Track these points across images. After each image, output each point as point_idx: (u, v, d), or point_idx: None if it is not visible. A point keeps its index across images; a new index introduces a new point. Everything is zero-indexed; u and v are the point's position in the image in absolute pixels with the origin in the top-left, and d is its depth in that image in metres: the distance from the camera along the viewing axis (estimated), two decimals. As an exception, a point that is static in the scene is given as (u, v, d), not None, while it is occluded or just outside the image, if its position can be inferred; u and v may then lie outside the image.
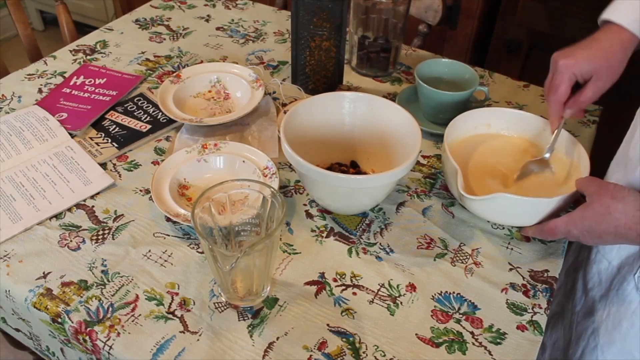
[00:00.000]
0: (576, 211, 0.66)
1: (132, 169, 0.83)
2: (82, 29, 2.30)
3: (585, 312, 0.77)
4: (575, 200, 0.70)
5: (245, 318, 0.65)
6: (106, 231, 0.74)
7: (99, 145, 0.86)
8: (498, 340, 0.64)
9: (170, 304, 0.66)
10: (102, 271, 0.69)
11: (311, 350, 0.62)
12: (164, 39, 1.12)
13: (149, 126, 0.90)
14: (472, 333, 0.65)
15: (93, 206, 0.77)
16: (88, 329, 0.63)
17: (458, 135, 0.83)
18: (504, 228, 0.78)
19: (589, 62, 0.71)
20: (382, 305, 0.67)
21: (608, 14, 0.71)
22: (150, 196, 0.78)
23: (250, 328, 0.64)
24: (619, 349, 0.71)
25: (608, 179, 0.75)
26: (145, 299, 0.66)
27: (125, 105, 0.94)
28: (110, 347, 0.62)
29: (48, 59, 1.05)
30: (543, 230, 0.71)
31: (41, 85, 0.98)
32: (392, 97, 1.00)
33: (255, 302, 0.66)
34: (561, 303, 0.86)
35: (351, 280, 0.70)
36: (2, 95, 0.96)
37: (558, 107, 0.74)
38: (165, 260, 0.71)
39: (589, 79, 0.72)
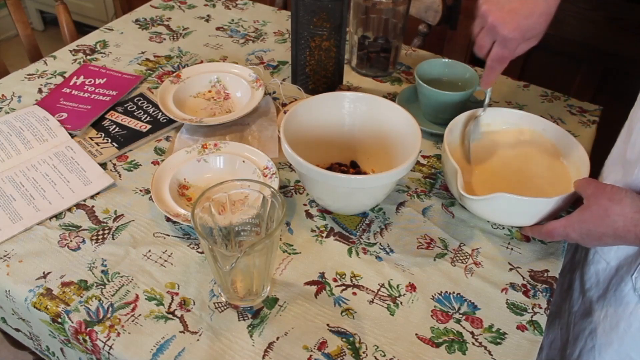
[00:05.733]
0: (574, 214, 0.66)
1: (132, 169, 0.83)
2: (82, 29, 2.31)
3: (583, 313, 0.77)
4: (575, 200, 0.70)
5: (245, 318, 0.65)
6: (106, 231, 0.74)
7: (99, 145, 0.86)
8: (498, 340, 0.64)
9: (170, 304, 0.66)
10: (102, 271, 0.69)
11: (311, 350, 0.62)
12: (164, 39, 1.12)
13: (149, 126, 0.90)
14: (472, 333, 0.65)
15: (93, 206, 0.77)
16: (88, 329, 0.63)
17: (458, 135, 0.83)
18: (504, 228, 0.78)
19: (533, 30, 0.71)
20: (382, 305, 0.67)
21: None
22: (150, 196, 0.78)
23: (250, 328, 0.64)
24: (616, 350, 0.71)
25: (604, 180, 0.74)
26: (145, 299, 0.66)
27: (125, 105, 0.94)
28: (110, 347, 0.62)
29: (48, 59, 1.05)
30: (541, 232, 0.71)
31: (41, 85, 0.98)
32: (392, 97, 1.00)
33: (255, 302, 0.66)
34: (557, 303, 0.86)
35: (351, 280, 0.70)
36: (2, 95, 0.96)
37: (500, 71, 0.76)
38: (165, 260, 0.71)
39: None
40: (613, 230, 0.61)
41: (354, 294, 0.68)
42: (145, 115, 0.92)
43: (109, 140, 0.87)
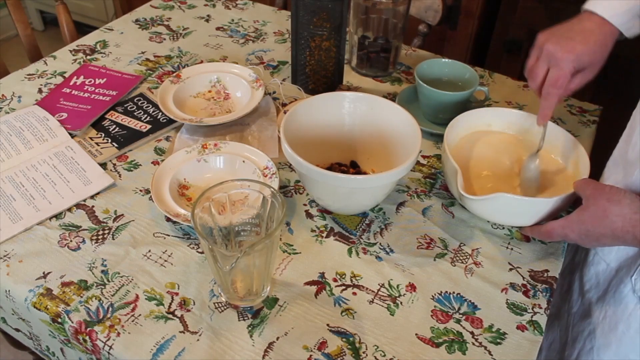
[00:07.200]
0: (573, 214, 0.66)
1: (132, 169, 0.83)
2: (82, 29, 2.30)
3: (582, 314, 0.77)
4: (575, 201, 0.70)
5: (245, 318, 0.65)
6: (106, 231, 0.74)
7: (99, 145, 0.86)
8: (498, 340, 0.64)
9: (170, 304, 0.66)
10: (102, 271, 0.69)
11: (311, 350, 0.62)
12: (164, 39, 1.12)
13: (149, 126, 0.90)
14: (472, 333, 0.65)
15: (93, 206, 0.77)
16: (88, 329, 0.63)
17: (458, 135, 0.83)
18: (504, 228, 0.78)
19: (589, 57, 0.71)
20: (382, 305, 0.67)
21: (594, 6, 0.72)
22: (150, 196, 0.78)
23: (250, 328, 0.64)
24: (614, 352, 0.71)
25: (604, 181, 0.74)
26: (145, 299, 0.66)
27: (125, 105, 0.94)
28: (110, 347, 0.62)
29: (48, 59, 1.05)
30: (541, 232, 0.71)
31: (41, 85, 0.98)
32: (392, 97, 1.00)
33: (255, 302, 0.66)
34: (557, 304, 0.86)
35: (351, 280, 0.70)
36: (2, 95, 0.96)
37: (557, 101, 0.73)
38: (165, 260, 0.71)
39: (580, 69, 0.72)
40: (612, 231, 0.61)
41: (354, 294, 0.68)
42: (145, 115, 0.92)
43: (109, 140, 0.87)
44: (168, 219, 0.75)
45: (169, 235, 0.74)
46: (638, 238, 0.59)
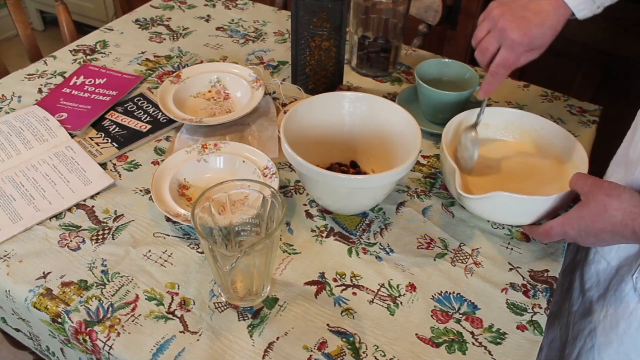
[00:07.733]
0: (572, 211, 0.66)
1: (132, 169, 0.83)
2: (82, 29, 2.31)
3: (583, 313, 0.77)
4: (574, 199, 0.70)
5: (245, 318, 0.65)
6: (106, 231, 0.74)
7: (99, 145, 0.86)
8: (498, 340, 0.64)
9: (170, 304, 0.66)
10: (102, 271, 0.69)
11: (311, 350, 0.62)
12: (164, 39, 1.12)
13: (149, 126, 0.90)
14: (472, 333, 0.65)
15: (93, 206, 0.77)
16: (88, 329, 0.63)
17: (456, 135, 0.83)
18: (504, 228, 0.78)
19: (540, 40, 0.70)
20: (382, 305, 0.67)
21: None
22: (150, 196, 0.78)
23: (250, 328, 0.64)
24: (615, 350, 0.71)
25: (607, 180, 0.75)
26: (145, 299, 0.66)
27: (125, 105, 0.94)
28: (110, 347, 0.62)
29: (48, 59, 1.05)
30: (539, 232, 0.70)
31: (41, 85, 0.98)
32: (392, 97, 1.00)
33: (255, 302, 0.66)
34: (557, 303, 0.86)
35: (351, 280, 0.70)
36: (2, 95, 0.96)
37: (502, 79, 0.74)
38: (165, 260, 0.71)
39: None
40: (611, 226, 0.61)
41: (354, 294, 0.68)
42: (145, 115, 0.92)
43: (109, 140, 0.87)
44: (168, 219, 0.75)
45: (169, 235, 0.74)
46: (637, 232, 0.59)
